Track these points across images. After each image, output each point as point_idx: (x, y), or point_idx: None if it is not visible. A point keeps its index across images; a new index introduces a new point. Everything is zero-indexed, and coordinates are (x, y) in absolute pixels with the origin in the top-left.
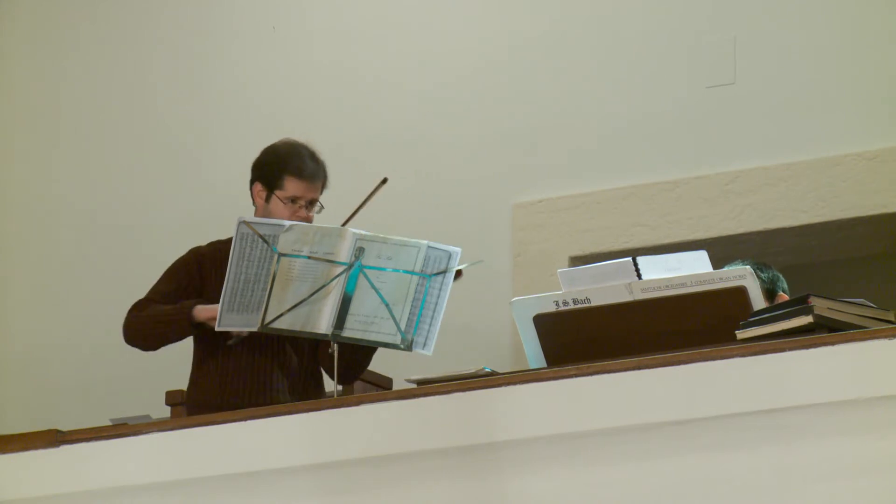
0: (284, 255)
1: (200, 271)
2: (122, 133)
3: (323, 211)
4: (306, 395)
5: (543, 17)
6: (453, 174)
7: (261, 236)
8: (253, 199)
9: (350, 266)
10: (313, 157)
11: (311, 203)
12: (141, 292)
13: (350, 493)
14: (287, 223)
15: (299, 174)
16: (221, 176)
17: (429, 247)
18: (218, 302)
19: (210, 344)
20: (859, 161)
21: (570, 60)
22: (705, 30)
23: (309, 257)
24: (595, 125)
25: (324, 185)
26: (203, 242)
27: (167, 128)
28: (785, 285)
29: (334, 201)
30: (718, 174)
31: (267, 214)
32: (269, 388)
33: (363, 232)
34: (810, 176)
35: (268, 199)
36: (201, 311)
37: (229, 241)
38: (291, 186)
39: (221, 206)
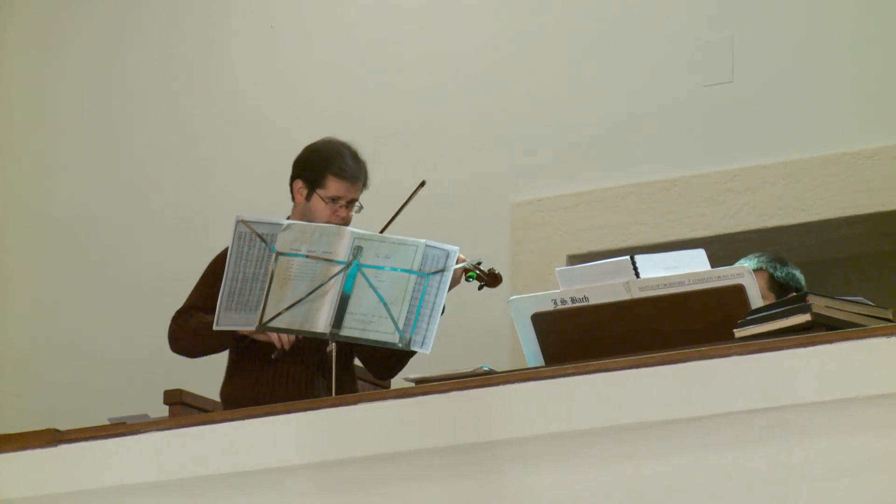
0: (282, 253)
1: None
2: (122, 133)
3: (362, 211)
4: (340, 386)
5: (542, 16)
6: (452, 173)
7: (259, 235)
8: (292, 196)
9: (348, 265)
10: (355, 157)
11: (351, 203)
12: (140, 291)
13: (349, 491)
14: (285, 222)
15: (341, 174)
16: (220, 175)
17: (427, 245)
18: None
19: (249, 348)
20: (858, 159)
21: (569, 59)
22: (703, 28)
23: (307, 256)
24: (593, 124)
25: (364, 186)
26: (202, 242)
27: (166, 127)
28: (800, 283)
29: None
30: (717, 172)
31: (307, 212)
32: (310, 389)
33: (361, 231)
34: (809, 174)
35: (308, 197)
36: None
37: None
38: (333, 186)
39: (220, 205)
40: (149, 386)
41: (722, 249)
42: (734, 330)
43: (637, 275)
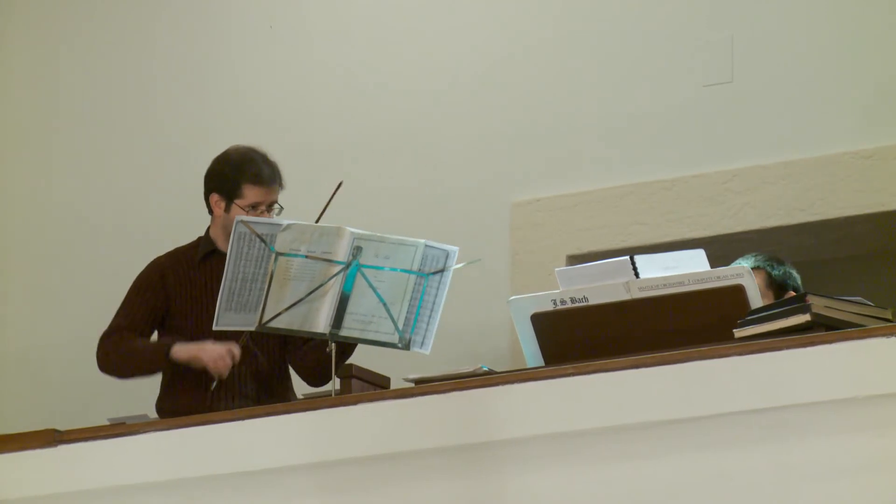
0: (282, 254)
1: (164, 285)
2: (121, 133)
3: (283, 212)
4: (274, 397)
5: (542, 17)
6: (451, 173)
7: (258, 235)
8: (210, 209)
9: (348, 265)
10: (266, 160)
11: (271, 206)
12: None
13: (348, 492)
14: (285, 222)
15: (257, 181)
16: None
17: (426, 246)
18: (186, 314)
19: (188, 367)
20: (857, 159)
21: (569, 59)
22: (703, 29)
23: (306, 256)
24: (593, 124)
25: (280, 186)
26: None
27: (165, 127)
28: (797, 283)
29: (335, 203)
30: (717, 172)
31: (227, 224)
32: (237, 394)
33: (361, 231)
34: (808, 174)
35: (227, 209)
36: (180, 351)
37: (189, 248)
38: (251, 194)
39: None
40: (148, 386)
41: (721, 249)
42: (734, 330)
43: (637, 275)
